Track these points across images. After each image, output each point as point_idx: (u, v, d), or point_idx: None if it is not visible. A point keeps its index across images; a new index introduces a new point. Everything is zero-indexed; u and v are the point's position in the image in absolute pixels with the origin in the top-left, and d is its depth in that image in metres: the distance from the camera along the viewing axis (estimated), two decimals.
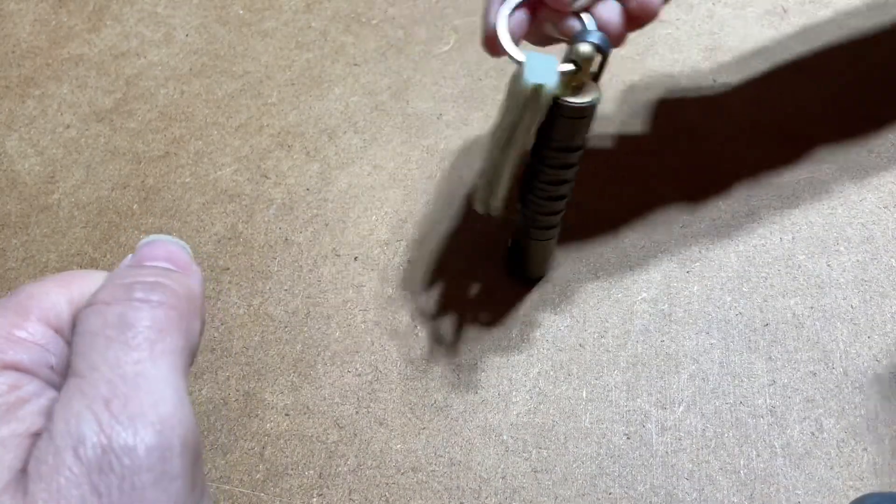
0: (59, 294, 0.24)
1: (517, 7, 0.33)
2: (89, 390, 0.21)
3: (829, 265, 0.42)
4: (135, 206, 0.47)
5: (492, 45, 0.33)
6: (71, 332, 0.24)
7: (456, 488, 0.37)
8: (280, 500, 0.37)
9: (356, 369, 0.40)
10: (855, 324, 0.40)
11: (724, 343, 0.40)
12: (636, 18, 0.33)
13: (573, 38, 0.32)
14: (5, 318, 0.23)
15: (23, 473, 0.20)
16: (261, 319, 0.42)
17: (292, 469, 0.38)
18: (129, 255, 0.26)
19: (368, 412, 0.39)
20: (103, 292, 0.23)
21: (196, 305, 0.24)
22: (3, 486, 0.20)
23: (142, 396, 0.21)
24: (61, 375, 0.23)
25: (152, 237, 0.26)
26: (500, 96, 0.49)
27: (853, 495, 0.36)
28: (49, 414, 0.22)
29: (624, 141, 0.47)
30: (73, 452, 0.20)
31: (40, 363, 0.23)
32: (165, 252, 0.25)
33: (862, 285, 0.41)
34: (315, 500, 0.37)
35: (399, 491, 0.37)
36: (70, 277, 0.25)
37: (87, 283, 0.25)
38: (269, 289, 0.43)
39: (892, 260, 0.42)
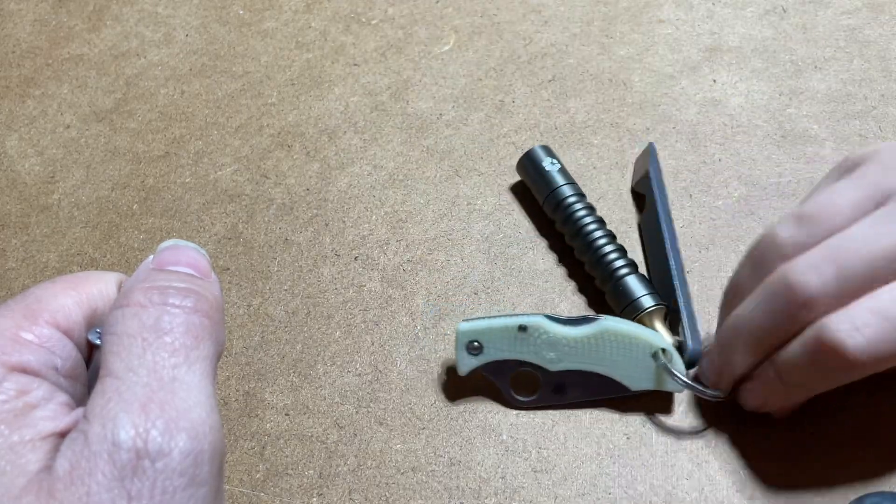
0: (69, 296, 0.24)
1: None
2: (126, 392, 0.21)
3: None
4: (135, 206, 0.47)
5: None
6: (82, 333, 0.24)
7: (456, 488, 0.37)
8: (280, 500, 0.37)
9: (356, 369, 0.40)
10: None
11: None
12: None
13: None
14: (12, 321, 0.23)
15: (44, 474, 0.20)
16: (261, 319, 0.42)
17: (292, 469, 0.38)
18: (150, 256, 0.25)
19: (368, 412, 0.39)
20: (136, 294, 0.23)
21: (222, 313, 0.25)
22: (21, 488, 0.20)
23: (177, 401, 0.21)
24: (68, 377, 0.23)
25: (172, 241, 0.26)
26: (500, 96, 0.49)
27: (853, 495, 0.36)
28: (61, 417, 0.22)
29: (623, 141, 0.47)
30: (108, 456, 0.20)
31: (46, 365, 0.23)
32: (188, 258, 0.25)
33: None
34: (315, 499, 0.37)
35: (399, 491, 0.37)
36: (79, 279, 0.25)
37: (97, 284, 0.25)
38: (269, 289, 0.43)
39: None
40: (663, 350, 0.36)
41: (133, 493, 0.20)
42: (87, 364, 0.25)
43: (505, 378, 0.38)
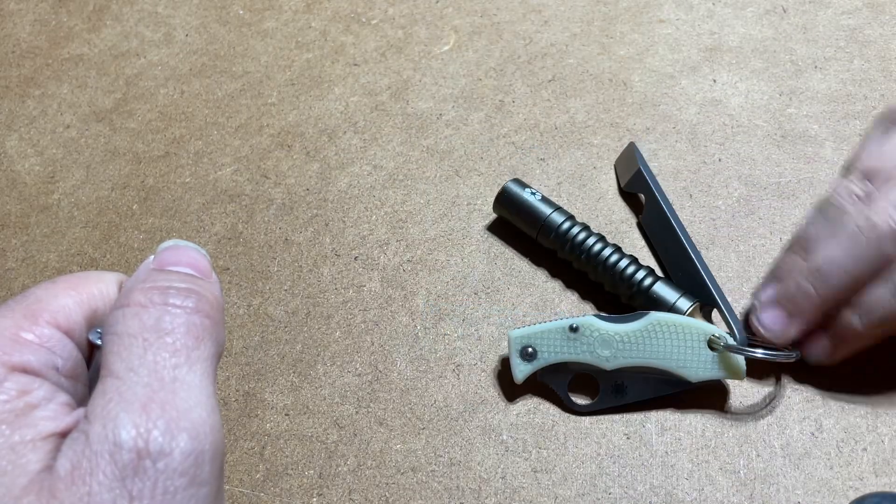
0: (69, 296, 0.24)
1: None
2: (127, 392, 0.21)
3: None
4: (135, 206, 0.47)
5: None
6: (82, 333, 0.24)
7: (456, 488, 0.37)
8: (280, 500, 0.37)
9: (356, 369, 0.40)
10: None
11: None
12: None
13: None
14: (13, 321, 0.23)
15: (45, 474, 0.20)
16: (261, 319, 0.42)
17: (292, 469, 0.38)
18: (150, 257, 0.25)
19: (368, 412, 0.39)
20: (137, 294, 0.23)
21: (223, 314, 0.25)
22: (23, 488, 0.20)
23: (178, 402, 0.21)
24: (69, 378, 0.23)
25: (172, 242, 0.26)
26: (500, 96, 0.49)
27: (853, 495, 0.36)
28: (62, 418, 0.22)
29: (623, 141, 0.47)
30: (110, 456, 0.20)
31: (47, 365, 0.23)
32: (188, 258, 0.25)
33: None
34: (315, 500, 0.37)
35: (399, 491, 0.37)
36: (80, 279, 0.25)
37: (97, 284, 0.25)
38: (269, 289, 0.43)
39: None
40: (717, 335, 0.37)
41: (134, 493, 0.20)
42: (88, 364, 0.25)
43: (562, 384, 0.38)
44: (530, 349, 0.38)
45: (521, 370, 0.38)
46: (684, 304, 0.38)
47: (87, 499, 0.19)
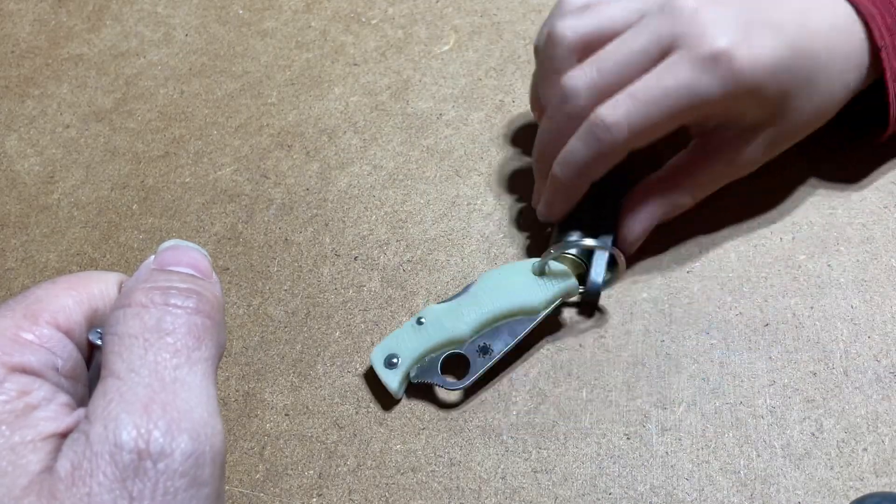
0: (69, 296, 0.24)
1: None
2: (128, 393, 0.21)
3: (829, 265, 0.42)
4: (134, 206, 0.47)
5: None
6: (83, 333, 0.24)
7: (456, 488, 0.37)
8: (279, 501, 0.37)
9: (356, 369, 0.40)
10: (855, 324, 0.40)
11: (725, 343, 0.40)
12: None
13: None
14: (12, 321, 0.23)
15: (46, 475, 0.20)
16: (261, 319, 0.42)
17: (292, 469, 0.38)
18: (151, 257, 0.25)
19: (368, 412, 0.39)
20: (138, 294, 0.23)
21: (223, 314, 0.25)
22: (23, 489, 0.20)
23: (179, 402, 0.21)
24: (69, 378, 0.23)
25: (173, 242, 0.26)
26: (500, 96, 0.49)
27: (853, 495, 0.36)
28: (62, 418, 0.22)
29: None
30: (110, 457, 0.20)
31: (47, 366, 0.23)
32: (189, 259, 0.25)
33: (862, 285, 0.41)
34: (315, 500, 0.37)
35: (399, 491, 0.37)
36: (80, 279, 0.25)
37: (97, 284, 0.25)
38: (269, 289, 0.43)
39: (892, 260, 0.42)
40: (537, 261, 0.39)
41: (135, 494, 0.20)
42: (88, 364, 0.25)
43: (435, 372, 0.39)
44: (394, 359, 0.38)
45: (392, 380, 0.38)
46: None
47: (88, 499, 0.19)
